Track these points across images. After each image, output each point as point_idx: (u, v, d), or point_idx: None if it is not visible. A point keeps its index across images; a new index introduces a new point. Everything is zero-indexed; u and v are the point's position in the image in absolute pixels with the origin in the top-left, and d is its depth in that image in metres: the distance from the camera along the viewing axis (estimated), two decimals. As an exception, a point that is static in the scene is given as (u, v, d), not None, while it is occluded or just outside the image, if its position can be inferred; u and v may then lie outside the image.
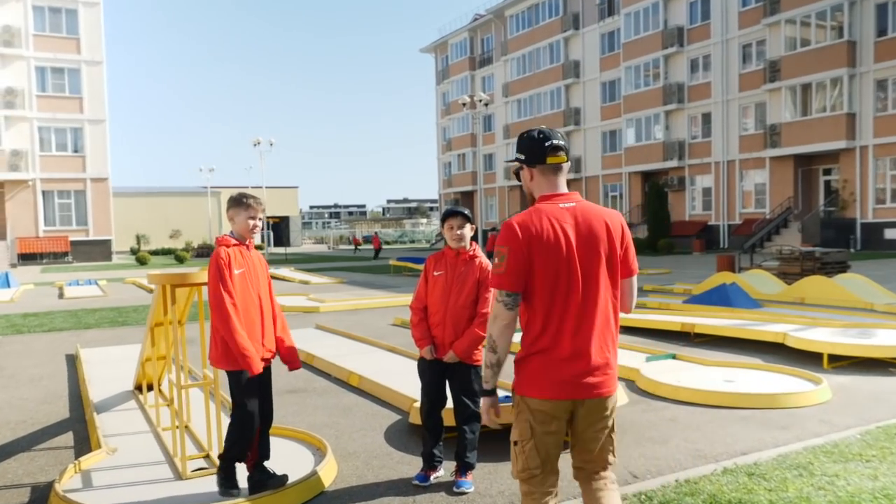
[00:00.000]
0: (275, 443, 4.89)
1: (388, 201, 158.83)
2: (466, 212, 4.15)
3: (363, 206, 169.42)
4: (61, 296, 17.90)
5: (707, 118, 35.46)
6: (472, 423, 4.05)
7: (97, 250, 37.66)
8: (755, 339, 8.27)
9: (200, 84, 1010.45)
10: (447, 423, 4.32)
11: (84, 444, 5.21)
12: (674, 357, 7.39)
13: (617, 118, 40.27)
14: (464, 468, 4.06)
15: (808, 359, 7.37)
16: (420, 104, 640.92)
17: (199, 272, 4.42)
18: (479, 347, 4.00)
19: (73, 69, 36.78)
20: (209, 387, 4.62)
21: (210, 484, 4.07)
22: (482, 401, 2.66)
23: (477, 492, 3.99)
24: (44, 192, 36.57)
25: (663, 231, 33.97)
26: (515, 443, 2.59)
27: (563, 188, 2.64)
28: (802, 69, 29.87)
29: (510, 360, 2.64)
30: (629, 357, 7.42)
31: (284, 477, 4.02)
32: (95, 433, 5.13)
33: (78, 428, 5.67)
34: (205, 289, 4.21)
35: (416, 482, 4.12)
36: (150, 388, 6.29)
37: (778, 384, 6.17)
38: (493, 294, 2.58)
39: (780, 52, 31.00)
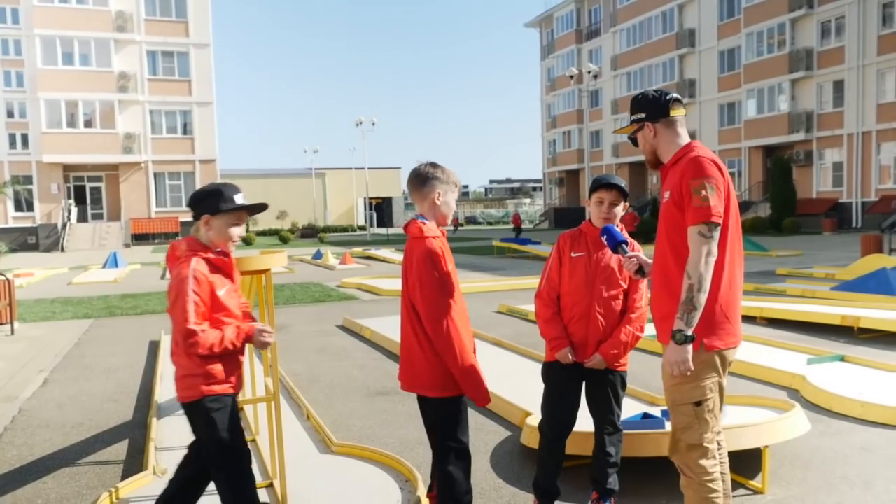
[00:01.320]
0: (354, 467, 3.99)
1: (491, 181, 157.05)
2: (623, 185, 3.17)
3: (466, 186, 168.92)
4: (163, 276, 17.92)
5: (839, 86, 32.25)
6: (615, 446, 3.20)
7: (205, 231, 38.57)
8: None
9: (304, 65, 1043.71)
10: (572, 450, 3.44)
11: (137, 457, 4.53)
12: (842, 359, 6.06)
13: (736, 89, 37.42)
14: (605, 495, 3.18)
15: None
16: (524, 81, 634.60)
17: (259, 256, 3.60)
18: (628, 351, 3.23)
19: (181, 52, 37.59)
20: (271, 402, 3.71)
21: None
22: (678, 350, 2.37)
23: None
24: (155, 174, 37.85)
25: (789, 209, 31.41)
26: (699, 403, 2.46)
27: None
28: (960, 26, 26.08)
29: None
30: (786, 358, 6.13)
31: None
32: (149, 447, 4.42)
33: (136, 435, 5.00)
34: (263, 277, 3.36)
35: None
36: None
37: None
38: (692, 232, 2.38)
39: (930, 9, 27.35)
